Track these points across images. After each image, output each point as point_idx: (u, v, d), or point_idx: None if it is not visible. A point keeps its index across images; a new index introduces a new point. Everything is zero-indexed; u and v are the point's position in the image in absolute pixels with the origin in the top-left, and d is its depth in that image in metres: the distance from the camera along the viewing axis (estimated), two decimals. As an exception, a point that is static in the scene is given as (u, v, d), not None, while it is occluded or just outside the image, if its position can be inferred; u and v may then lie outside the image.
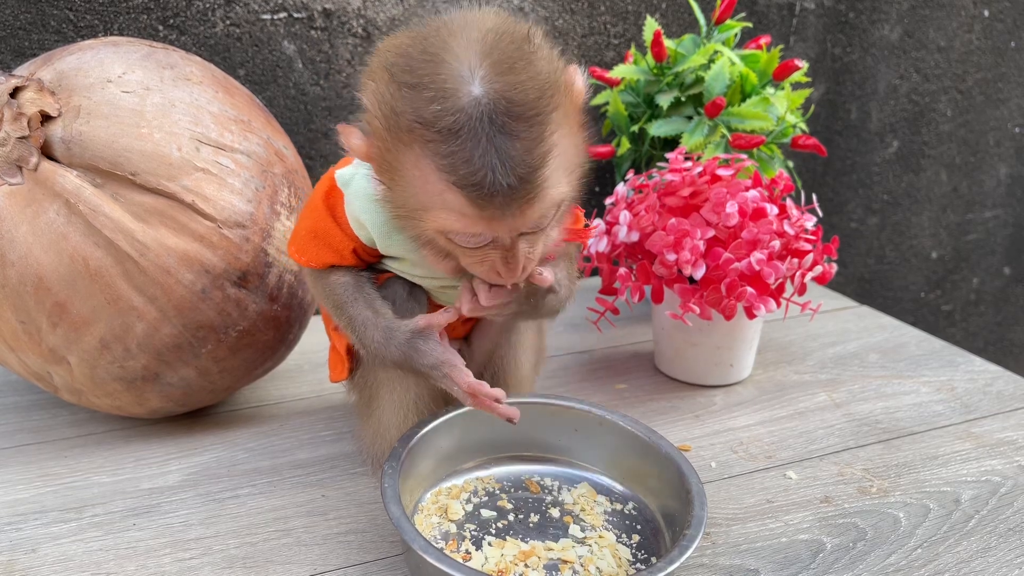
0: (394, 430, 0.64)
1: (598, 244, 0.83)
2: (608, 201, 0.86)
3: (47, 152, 0.62)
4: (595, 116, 1.14)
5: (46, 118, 0.62)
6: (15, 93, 0.62)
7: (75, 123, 0.62)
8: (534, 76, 0.45)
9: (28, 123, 0.61)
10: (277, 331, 0.73)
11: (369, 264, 0.63)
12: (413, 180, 0.47)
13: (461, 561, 0.52)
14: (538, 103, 0.45)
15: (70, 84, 0.64)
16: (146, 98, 0.65)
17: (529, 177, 0.45)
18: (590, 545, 0.59)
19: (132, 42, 0.70)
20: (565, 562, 0.57)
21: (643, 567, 0.57)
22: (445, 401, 0.66)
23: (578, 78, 0.50)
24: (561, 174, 0.48)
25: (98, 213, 0.62)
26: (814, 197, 0.88)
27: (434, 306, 0.65)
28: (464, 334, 0.70)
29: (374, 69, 0.48)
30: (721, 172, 0.79)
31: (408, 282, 0.63)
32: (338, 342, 0.67)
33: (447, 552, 0.57)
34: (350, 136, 0.50)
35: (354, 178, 0.57)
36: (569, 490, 0.65)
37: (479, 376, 0.72)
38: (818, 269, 0.78)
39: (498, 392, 0.57)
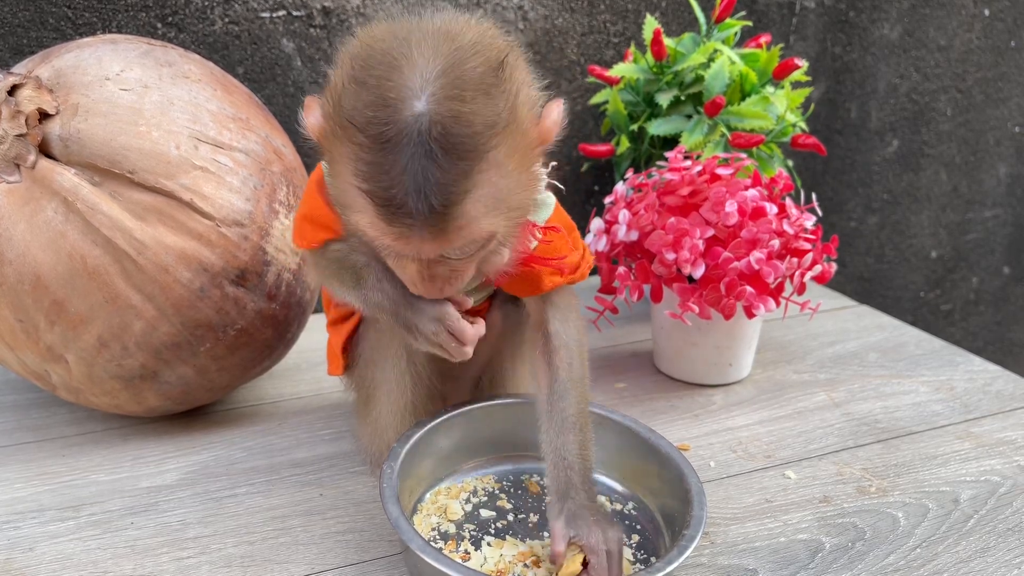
0: (392, 430, 0.64)
1: (597, 243, 0.82)
2: (607, 200, 0.86)
3: (45, 150, 0.62)
4: (595, 115, 1.14)
5: (44, 116, 0.62)
6: (13, 91, 0.62)
7: (73, 121, 0.62)
8: (480, 110, 0.43)
9: (26, 121, 0.61)
10: (275, 330, 0.73)
11: None
12: (343, 174, 0.46)
13: (460, 561, 0.51)
14: (474, 139, 0.43)
15: (68, 82, 0.64)
16: (144, 96, 0.64)
17: (442, 209, 0.43)
18: None
19: (130, 40, 0.70)
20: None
21: (643, 567, 0.57)
22: (443, 401, 0.66)
23: (555, 113, 0.49)
24: (489, 210, 0.45)
25: (96, 211, 0.62)
26: (813, 196, 0.88)
27: None
28: None
29: (345, 52, 0.47)
30: (720, 171, 0.79)
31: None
32: (334, 338, 0.67)
33: (446, 552, 0.56)
34: (311, 111, 0.49)
35: None
36: (568, 489, 0.65)
37: (478, 380, 0.72)
38: (817, 268, 0.77)
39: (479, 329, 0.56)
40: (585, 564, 0.52)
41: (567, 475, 0.57)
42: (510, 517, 0.62)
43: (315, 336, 0.92)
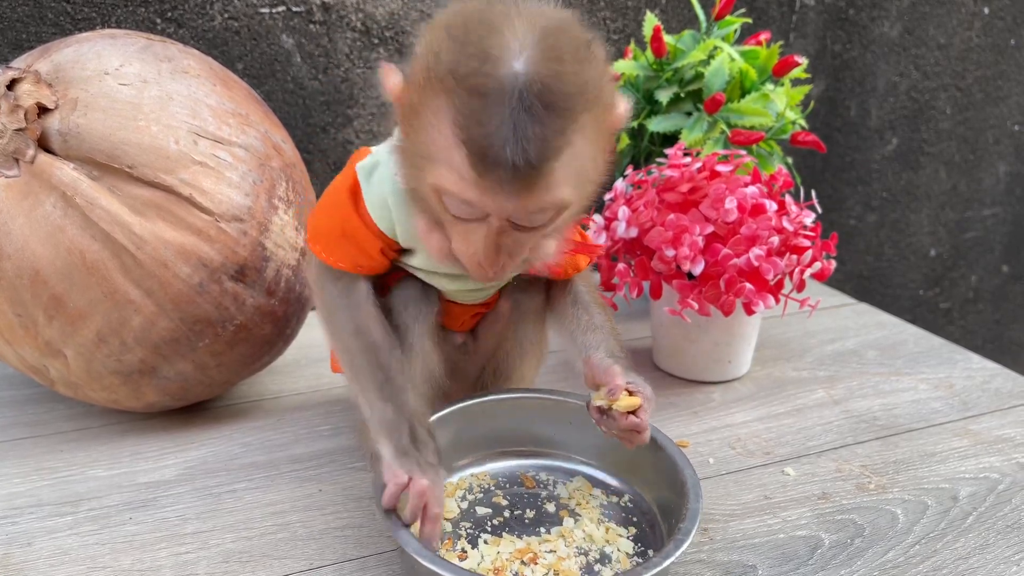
0: None
1: (597, 240, 0.82)
2: (607, 197, 0.86)
3: (44, 145, 0.62)
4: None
5: (43, 110, 0.62)
6: (12, 85, 0.62)
7: (72, 115, 0.62)
8: (578, 73, 0.45)
9: (25, 115, 0.61)
10: (275, 325, 0.72)
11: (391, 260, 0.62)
12: (428, 127, 0.47)
13: (456, 562, 0.51)
14: (572, 98, 0.45)
15: (67, 76, 0.64)
16: (143, 91, 0.64)
17: (538, 162, 0.45)
18: (590, 532, 0.59)
19: (129, 35, 0.70)
20: (568, 543, 0.58)
21: (640, 560, 0.57)
22: (446, 398, 0.66)
23: (623, 105, 0.50)
24: (571, 177, 0.47)
25: (95, 206, 0.61)
26: (813, 193, 0.88)
27: (446, 305, 0.64)
28: (470, 327, 0.70)
29: (435, 24, 0.49)
30: (720, 168, 0.79)
31: (421, 283, 0.62)
32: None
33: (442, 552, 0.56)
34: (390, 74, 0.50)
35: (376, 167, 0.57)
36: (564, 484, 0.65)
37: (481, 371, 0.72)
38: (817, 265, 0.77)
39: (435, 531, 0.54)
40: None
41: (617, 342, 0.62)
42: (507, 514, 0.62)
43: (314, 332, 0.91)
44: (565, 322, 0.65)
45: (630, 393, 0.57)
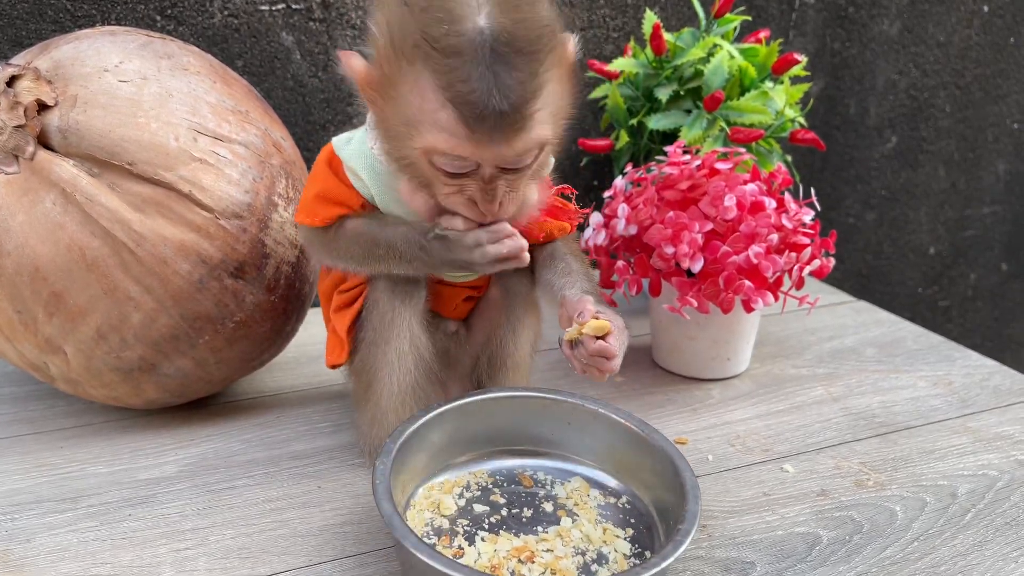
0: (392, 415, 0.64)
1: (596, 237, 0.82)
2: (606, 195, 0.86)
3: (44, 141, 0.62)
4: (594, 109, 1.14)
5: (43, 107, 0.62)
6: (11, 82, 0.62)
7: (72, 112, 0.62)
8: (535, 18, 0.49)
9: (24, 112, 0.61)
10: (274, 322, 0.73)
11: None
12: (410, 97, 0.50)
13: (452, 557, 0.51)
14: (537, 42, 0.48)
15: (67, 73, 0.64)
16: (143, 88, 0.64)
17: (520, 106, 0.48)
18: (588, 533, 0.59)
19: (129, 31, 0.70)
20: (565, 542, 0.58)
21: (637, 561, 0.57)
22: (442, 387, 0.66)
23: (570, 43, 0.54)
24: (548, 115, 0.51)
25: (95, 203, 0.61)
26: (812, 191, 0.88)
27: (435, 287, 0.65)
28: (464, 315, 0.70)
29: (384, 1, 0.51)
30: (719, 166, 0.79)
31: None
32: (338, 324, 0.67)
33: (439, 548, 0.56)
34: (351, 59, 0.53)
35: (351, 140, 0.60)
36: (562, 484, 0.65)
37: (476, 360, 0.72)
38: (816, 263, 0.77)
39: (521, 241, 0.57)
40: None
41: (591, 284, 0.64)
42: (504, 512, 0.62)
43: (314, 330, 0.92)
44: (543, 274, 0.67)
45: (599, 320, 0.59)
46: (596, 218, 0.84)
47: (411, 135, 0.51)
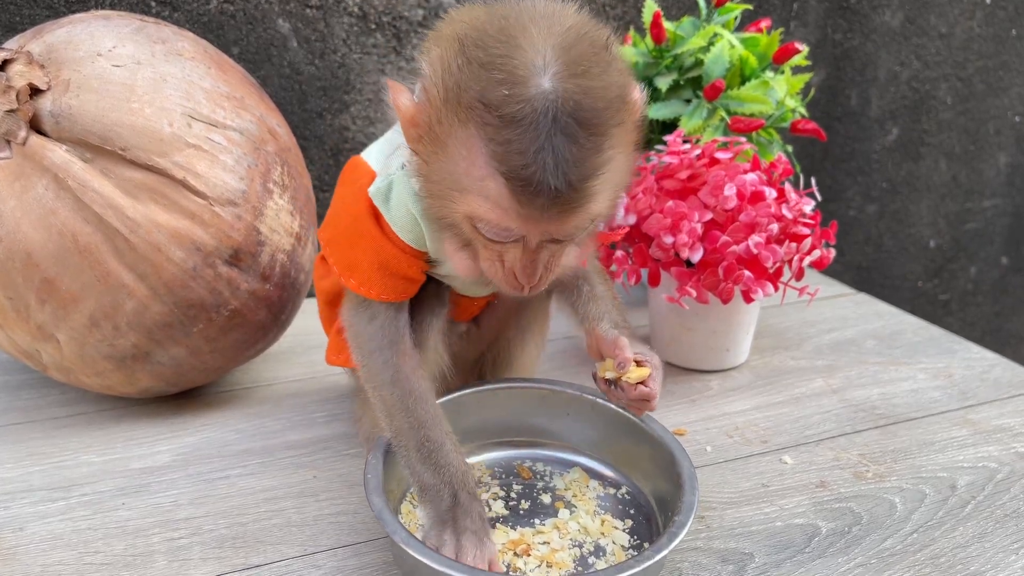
0: None
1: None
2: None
3: (36, 126, 0.61)
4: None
5: (35, 91, 0.61)
6: (4, 66, 0.61)
7: (64, 97, 0.61)
8: (606, 86, 0.44)
9: (17, 96, 0.60)
10: (269, 311, 0.72)
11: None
12: (458, 159, 0.45)
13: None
14: (604, 113, 0.44)
15: (60, 57, 0.63)
16: (137, 72, 0.64)
17: (579, 185, 0.44)
18: (585, 524, 0.59)
19: (123, 16, 0.69)
20: (562, 535, 0.57)
21: (635, 552, 0.57)
22: (443, 382, 0.65)
23: (637, 94, 0.49)
24: (607, 190, 0.47)
25: (87, 188, 0.61)
26: (813, 181, 0.87)
27: (456, 298, 0.64)
28: (474, 316, 0.69)
29: (443, 36, 0.47)
30: (719, 155, 0.79)
31: (435, 282, 0.61)
32: None
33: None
34: (399, 95, 0.48)
35: (391, 187, 0.55)
36: (561, 475, 0.65)
37: (480, 356, 0.71)
38: (816, 254, 0.77)
39: None
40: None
41: (619, 312, 0.62)
42: (502, 504, 0.61)
43: (309, 319, 0.91)
44: (565, 293, 0.64)
45: (638, 364, 0.58)
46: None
47: (456, 198, 0.47)
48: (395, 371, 0.57)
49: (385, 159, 0.58)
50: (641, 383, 0.58)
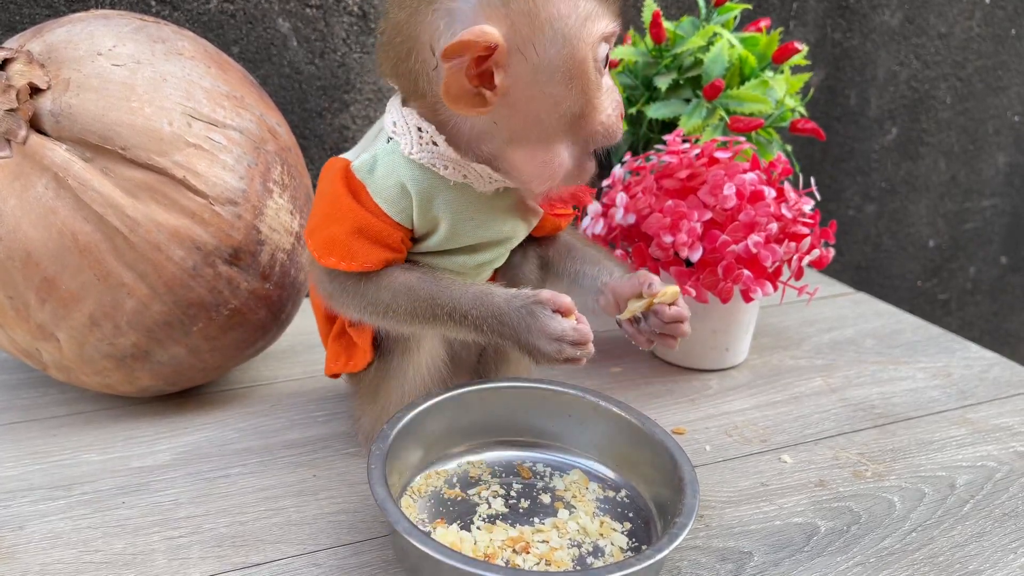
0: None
1: (594, 227, 0.82)
2: (605, 183, 0.85)
3: (36, 125, 0.61)
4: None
5: (35, 91, 0.61)
6: (4, 65, 0.61)
7: (64, 96, 0.61)
8: None
9: (17, 95, 0.60)
10: (269, 310, 0.72)
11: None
12: (562, 33, 0.50)
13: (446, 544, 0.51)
14: None
15: (60, 56, 0.63)
16: (137, 72, 0.64)
17: None
18: (584, 525, 0.59)
19: (123, 15, 0.69)
20: (561, 534, 0.57)
21: (633, 555, 0.57)
22: (443, 386, 0.66)
23: None
24: None
25: (87, 188, 0.61)
26: (812, 180, 0.87)
27: None
28: None
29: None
30: (719, 154, 0.79)
31: None
32: (356, 335, 0.63)
33: (434, 534, 0.56)
34: (484, 35, 0.49)
35: (376, 161, 0.56)
36: (561, 476, 0.65)
37: (479, 356, 0.71)
38: (815, 253, 0.77)
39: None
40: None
41: (621, 266, 0.64)
42: (501, 503, 0.61)
43: (309, 319, 0.91)
44: (568, 266, 0.66)
45: None
46: (595, 207, 0.83)
47: (574, 54, 0.50)
48: (386, 279, 0.57)
49: (362, 151, 0.58)
50: (673, 303, 0.59)
